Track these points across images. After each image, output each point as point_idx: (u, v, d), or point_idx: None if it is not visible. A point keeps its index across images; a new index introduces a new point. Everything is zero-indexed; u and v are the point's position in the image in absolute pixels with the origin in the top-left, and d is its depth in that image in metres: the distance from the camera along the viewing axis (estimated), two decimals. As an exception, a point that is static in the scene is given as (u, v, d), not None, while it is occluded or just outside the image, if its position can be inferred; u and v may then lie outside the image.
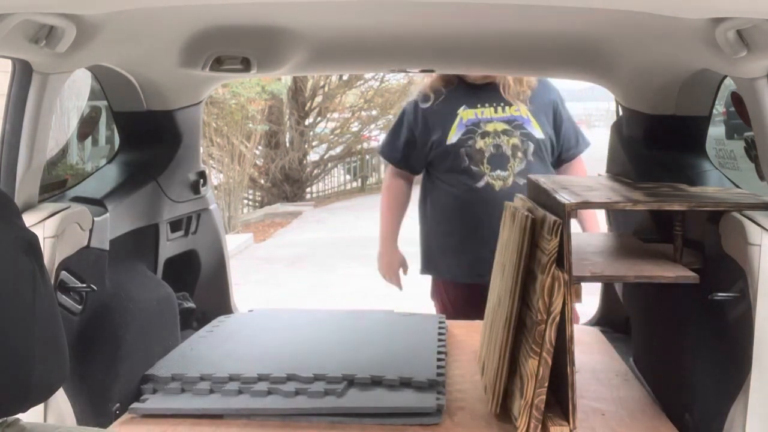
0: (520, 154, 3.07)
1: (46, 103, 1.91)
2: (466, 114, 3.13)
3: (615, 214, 2.76)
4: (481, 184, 3.08)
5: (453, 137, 3.12)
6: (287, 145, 17.06)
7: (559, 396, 1.85)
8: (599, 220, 3.21)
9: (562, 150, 3.22)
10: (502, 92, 3.12)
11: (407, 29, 2.25)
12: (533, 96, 3.15)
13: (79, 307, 2.01)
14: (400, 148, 3.27)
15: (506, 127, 3.10)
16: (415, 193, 3.38)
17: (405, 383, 2.13)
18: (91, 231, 2.05)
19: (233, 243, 10.73)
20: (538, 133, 3.11)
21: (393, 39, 2.35)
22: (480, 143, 3.08)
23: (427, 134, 3.18)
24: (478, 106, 3.13)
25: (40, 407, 1.72)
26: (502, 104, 3.13)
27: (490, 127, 3.10)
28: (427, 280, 3.35)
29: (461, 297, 3.19)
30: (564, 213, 1.80)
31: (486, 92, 3.14)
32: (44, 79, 1.89)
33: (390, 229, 3.38)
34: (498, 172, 3.06)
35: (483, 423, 1.99)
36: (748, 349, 1.63)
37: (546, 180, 2.30)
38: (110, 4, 1.73)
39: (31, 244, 1.04)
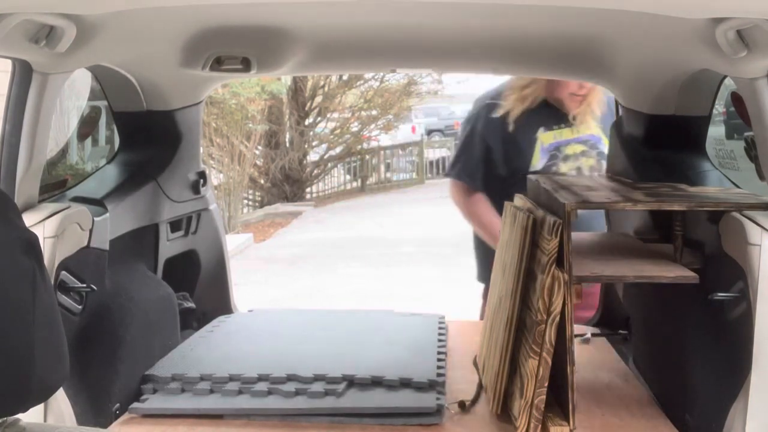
0: None
1: (46, 103, 1.92)
2: (545, 137, 3.00)
3: (615, 214, 2.76)
4: None
5: (537, 164, 2.99)
6: (287, 145, 17.07)
7: (559, 396, 1.84)
8: None
9: None
10: (570, 118, 2.97)
11: (407, 29, 2.25)
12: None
13: (79, 307, 2.01)
14: (480, 173, 3.04)
15: (584, 148, 3.01)
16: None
17: (405, 383, 2.13)
18: (91, 231, 2.05)
19: (233, 243, 10.73)
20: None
21: (393, 39, 2.35)
22: (563, 168, 2.98)
23: (508, 159, 3.01)
24: (554, 127, 3.01)
25: (40, 407, 1.72)
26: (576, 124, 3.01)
27: (569, 150, 3.00)
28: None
29: None
30: (564, 213, 1.80)
31: (561, 111, 3.01)
32: (44, 79, 1.89)
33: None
34: None
35: (483, 423, 1.99)
36: (748, 349, 1.63)
37: (546, 180, 2.30)
38: (110, 4, 1.73)
39: (31, 244, 1.04)
